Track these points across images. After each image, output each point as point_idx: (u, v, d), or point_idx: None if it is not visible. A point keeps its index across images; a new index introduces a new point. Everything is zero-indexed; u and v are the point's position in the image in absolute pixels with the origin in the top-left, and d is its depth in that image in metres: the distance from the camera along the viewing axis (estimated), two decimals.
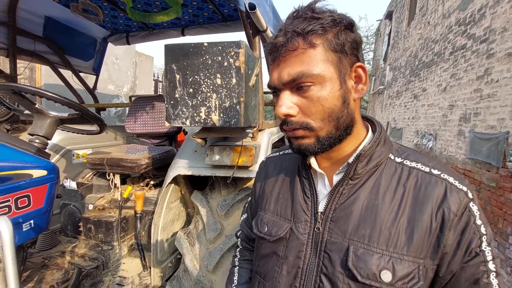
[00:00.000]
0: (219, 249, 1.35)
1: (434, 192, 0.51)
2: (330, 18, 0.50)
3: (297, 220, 0.62)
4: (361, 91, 0.55)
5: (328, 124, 0.53)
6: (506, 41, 3.42)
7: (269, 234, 0.65)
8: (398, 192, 0.54)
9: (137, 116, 2.41)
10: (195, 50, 1.09)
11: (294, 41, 0.50)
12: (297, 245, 0.60)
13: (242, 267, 0.82)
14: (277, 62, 0.53)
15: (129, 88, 4.68)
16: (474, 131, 4.12)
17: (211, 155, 1.37)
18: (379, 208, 0.53)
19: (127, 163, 1.84)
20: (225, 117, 1.09)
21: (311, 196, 0.61)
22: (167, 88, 1.13)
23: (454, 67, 4.92)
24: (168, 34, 2.79)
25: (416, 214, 0.51)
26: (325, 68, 0.51)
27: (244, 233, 0.85)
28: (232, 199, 1.48)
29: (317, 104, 0.52)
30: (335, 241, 0.55)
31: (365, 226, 0.53)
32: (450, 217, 0.49)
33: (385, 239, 0.51)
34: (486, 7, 3.93)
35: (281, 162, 0.75)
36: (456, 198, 0.50)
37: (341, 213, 0.56)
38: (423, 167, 0.55)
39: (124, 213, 1.85)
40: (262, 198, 0.73)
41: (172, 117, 1.15)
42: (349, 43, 0.52)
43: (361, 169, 0.56)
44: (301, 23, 0.50)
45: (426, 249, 0.50)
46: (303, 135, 0.54)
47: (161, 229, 1.55)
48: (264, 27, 1.41)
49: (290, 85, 0.53)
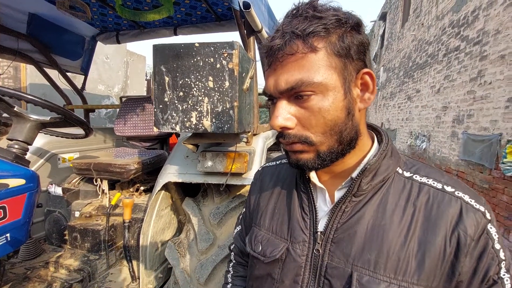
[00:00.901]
0: (212, 260, 1.28)
1: (448, 212, 0.46)
2: (335, 17, 0.44)
3: (294, 239, 0.55)
4: (368, 100, 0.49)
5: (330, 138, 0.47)
6: (499, 43, 3.44)
7: (263, 254, 0.58)
8: (407, 211, 0.48)
9: (127, 118, 2.32)
10: (186, 51, 1.02)
11: (293, 44, 0.44)
12: (294, 267, 0.54)
13: (235, 284, 0.75)
14: (273, 67, 0.47)
15: (120, 88, 4.55)
16: (467, 133, 4.14)
17: (203, 162, 1.31)
18: (386, 229, 0.48)
19: (115, 168, 1.76)
20: (217, 123, 1.03)
21: (309, 213, 0.55)
22: (156, 91, 1.06)
23: (448, 69, 4.95)
24: (160, 33, 2.70)
25: (428, 237, 0.45)
26: (327, 76, 0.44)
27: (237, 246, 0.78)
28: (225, 207, 1.42)
29: (318, 116, 0.46)
30: (337, 266, 0.50)
31: (371, 249, 0.47)
32: (467, 242, 0.44)
33: (393, 265, 0.46)
34: (479, 9, 3.95)
35: (278, 172, 0.69)
36: (473, 219, 0.45)
37: (343, 234, 0.50)
38: (435, 183, 0.49)
39: (112, 221, 1.77)
40: (256, 212, 0.67)
41: (161, 122, 1.08)
42: (356, 47, 0.46)
43: (366, 184, 0.50)
44: (301, 23, 0.44)
45: (439, 277, 0.45)
46: (301, 149, 0.48)
47: (150, 238, 1.48)
48: (259, 27, 1.35)
49: (287, 93, 0.46)
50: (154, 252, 1.54)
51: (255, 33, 1.42)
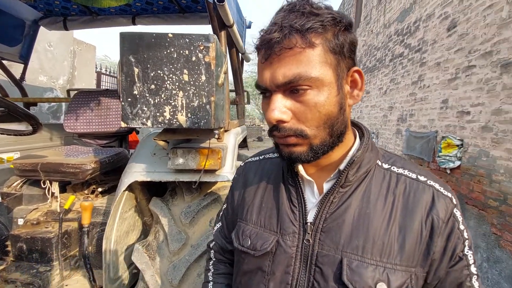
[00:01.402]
0: (185, 260, 1.24)
1: (422, 199, 0.51)
2: (330, 16, 0.46)
3: (284, 231, 0.56)
4: (357, 97, 0.52)
5: (322, 131, 0.49)
6: (435, 51, 3.92)
7: (253, 248, 0.58)
8: (388, 199, 0.52)
9: (79, 113, 2.10)
10: (158, 41, 0.96)
11: (292, 38, 0.44)
12: (285, 259, 0.55)
13: (217, 282, 0.74)
14: (269, 60, 0.47)
15: (66, 80, 4.06)
16: (409, 130, 4.64)
17: (174, 159, 1.25)
18: (371, 217, 0.51)
19: (68, 168, 1.58)
20: (193, 118, 0.99)
21: (298, 205, 0.57)
22: (123, 83, 0.98)
23: (393, 73, 5.48)
24: (116, 22, 2.50)
25: (407, 222, 0.50)
26: (323, 71, 0.46)
27: (218, 244, 0.77)
28: (197, 205, 1.37)
29: (314, 110, 0.47)
30: (327, 254, 0.52)
31: (358, 236, 0.51)
32: (439, 224, 0.50)
33: (379, 249, 0.49)
34: (420, 20, 4.45)
35: (262, 167, 0.69)
36: (443, 204, 0.51)
37: (332, 223, 0.53)
38: (410, 173, 0.55)
39: (65, 227, 1.59)
40: (242, 207, 0.67)
41: (129, 117, 1.00)
42: (348, 45, 0.48)
43: (352, 176, 0.53)
44: (298, 18, 0.45)
45: (417, 257, 0.50)
46: (295, 142, 0.49)
47: (114, 243, 1.37)
48: (230, 21, 1.33)
49: (284, 87, 0.47)
50: (118, 257, 1.43)
51: (226, 27, 1.40)
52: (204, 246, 1.26)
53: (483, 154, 2.85)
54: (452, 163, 3.36)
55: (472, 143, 3.05)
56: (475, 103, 3.01)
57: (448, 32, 3.61)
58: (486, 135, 2.81)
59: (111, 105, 2.12)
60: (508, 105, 2.54)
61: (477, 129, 2.96)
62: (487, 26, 2.87)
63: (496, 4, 2.76)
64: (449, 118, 3.53)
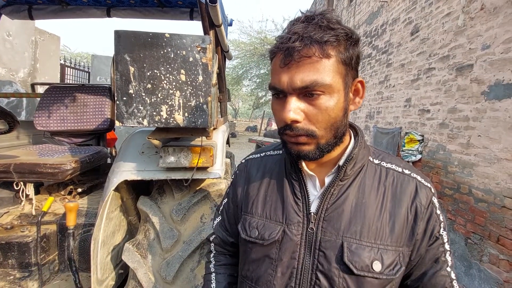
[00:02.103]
0: (178, 256, 1.26)
1: (407, 189, 0.60)
2: (343, 31, 0.53)
3: (290, 221, 0.63)
4: (358, 104, 0.60)
5: (329, 133, 0.56)
6: (400, 54, 4.23)
7: (261, 238, 0.64)
8: (380, 190, 0.61)
9: (52, 109, 1.97)
10: (154, 40, 0.96)
11: (311, 48, 0.51)
12: (291, 246, 0.62)
13: (219, 272, 0.79)
14: (288, 66, 0.53)
15: (27, 73, 3.72)
16: (377, 127, 4.98)
17: (166, 157, 1.25)
18: (366, 206, 0.59)
19: (45, 169, 1.50)
20: (190, 117, 1.01)
21: (302, 197, 0.64)
22: (118, 82, 0.97)
23: (362, 72, 5.80)
24: (89, 13, 2.35)
25: (395, 209, 0.59)
26: (335, 79, 0.53)
27: (219, 237, 0.81)
28: (187, 202, 1.39)
29: (324, 113, 0.53)
30: (329, 239, 0.59)
31: (356, 222, 0.58)
32: (421, 210, 0.59)
33: (373, 233, 0.57)
34: (386, 24, 4.75)
35: (264, 164, 0.75)
36: (424, 193, 0.60)
37: (333, 213, 0.60)
38: (396, 167, 0.64)
39: (43, 230, 1.52)
40: (246, 201, 0.72)
41: (125, 116, 0.99)
42: (355, 58, 0.55)
43: (350, 170, 0.61)
44: (317, 31, 0.51)
45: (404, 238, 0.58)
46: (305, 141, 0.56)
47: (101, 244, 1.34)
48: (220, 21, 1.36)
49: (300, 91, 0.53)
50: (105, 258, 1.40)
51: (214, 27, 1.42)
52: (196, 241, 1.29)
53: (441, 148, 3.18)
54: (414, 157, 3.69)
55: (431, 138, 3.38)
56: (434, 102, 3.33)
57: (412, 36, 3.92)
58: (443, 131, 3.13)
59: (88, 101, 2.02)
60: (462, 104, 2.86)
61: (436, 125, 3.28)
62: (445, 33, 3.18)
63: (453, 12, 3.07)
64: (411, 116, 3.86)
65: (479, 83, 2.63)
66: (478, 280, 2.52)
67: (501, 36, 2.41)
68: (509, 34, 2.33)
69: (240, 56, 16.59)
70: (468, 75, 2.78)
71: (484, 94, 2.56)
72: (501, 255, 2.34)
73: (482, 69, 2.60)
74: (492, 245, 2.44)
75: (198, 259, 1.31)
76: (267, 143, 6.98)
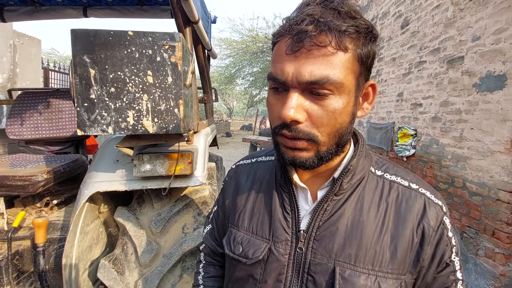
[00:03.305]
0: (157, 272, 1.17)
1: (414, 207, 0.51)
2: (364, 23, 0.44)
3: (277, 239, 0.55)
4: (366, 110, 0.51)
5: (332, 140, 0.47)
6: (391, 48, 4.18)
7: (245, 256, 0.56)
8: (381, 207, 0.52)
9: (25, 116, 1.86)
10: (116, 39, 0.87)
11: (328, 36, 0.41)
12: (277, 267, 0.54)
13: (207, 285, 0.71)
14: (296, 53, 0.43)
15: (6, 78, 3.56)
16: (370, 122, 4.93)
17: (140, 165, 1.16)
18: (364, 225, 0.51)
19: (15, 181, 1.40)
20: (160, 122, 0.92)
21: (291, 212, 0.55)
22: (78, 86, 0.87)
23: None
24: (64, 14, 2.25)
25: (399, 231, 0.50)
26: (349, 78, 0.44)
27: (208, 246, 0.73)
28: (167, 212, 1.31)
29: (331, 117, 0.44)
30: (320, 262, 0.51)
31: (351, 245, 0.50)
32: (429, 232, 0.50)
33: (371, 258, 0.49)
34: (377, 18, 4.70)
35: (254, 171, 0.66)
36: (434, 212, 0.51)
37: (325, 232, 0.52)
38: (402, 181, 0.55)
39: (15, 247, 1.42)
40: (233, 212, 0.64)
41: (86, 124, 0.90)
42: (372, 57, 0.47)
43: (347, 184, 0.52)
44: (335, 17, 0.42)
45: (407, 264, 0.50)
46: (305, 147, 0.47)
47: (75, 260, 1.25)
48: (196, 18, 1.27)
49: (306, 86, 0.43)
50: (81, 275, 1.31)
51: (191, 24, 1.32)
52: (177, 255, 1.21)
53: (434, 142, 3.13)
54: (408, 151, 3.64)
55: (424, 132, 3.33)
56: (426, 96, 3.28)
57: (402, 29, 3.87)
58: (436, 125, 3.09)
59: (64, 107, 1.91)
60: (453, 97, 2.81)
61: (428, 119, 3.23)
62: (435, 25, 3.13)
63: (443, 4, 3.01)
64: (404, 110, 3.81)
65: (470, 75, 2.59)
66: (474, 274, 2.49)
67: (491, 27, 2.36)
68: (499, 24, 2.28)
69: (232, 55, 16.43)
70: (459, 68, 2.73)
71: (476, 86, 2.51)
72: (497, 249, 2.30)
73: (473, 61, 2.55)
74: (488, 239, 2.40)
75: (180, 273, 1.22)
76: (262, 142, 6.87)
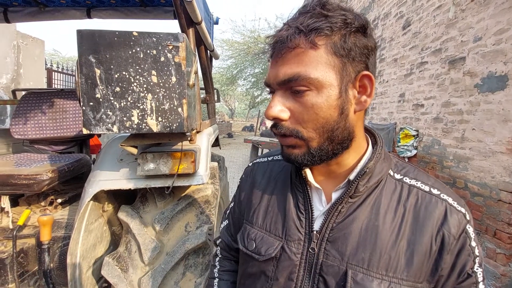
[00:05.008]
0: (161, 269, 1.19)
1: (434, 214, 0.50)
2: (341, 17, 0.45)
3: (290, 238, 0.55)
4: (364, 103, 0.50)
5: (321, 135, 0.48)
6: (393, 48, 4.18)
7: (257, 252, 0.57)
8: (398, 212, 0.51)
9: (29, 116, 1.88)
10: (121, 40, 0.88)
11: (295, 38, 0.45)
12: (289, 265, 0.54)
13: (222, 279, 0.73)
14: (275, 59, 0.49)
15: (10, 79, 3.60)
16: (372, 123, 4.93)
17: (144, 164, 1.18)
18: (379, 230, 0.50)
19: (20, 180, 1.42)
20: (164, 121, 0.93)
21: (305, 212, 0.55)
22: (84, 86, 0.89)
23: None
24: (68, 15, 2.27)
25: (416, 237, 0.49)
26: (324, 73, 0.45)
27: (224, 241, 0.75)
28: (171, 211, 1.32)
29: (311, 112, 0.46)
30: (332, 264, 0.51)
31: (365, 249, 0.49)
32: (450, 241, 0.48)
33: (385, 263, 0.48)
34: (378, 19, 4.70)
35: (270, 169, 0.67)
36: (456, 220, 0.49)
37: (338, 234, 0.51)
38: (423, 185, 0.53)
39: (20, 245, 1.43)
40: (248, 208, 0.65)
41: (92, 123, 0.91)
42: (358, 49, 0.46)
43: (363, 186, 0.51)
44: (306, 20, 0.45)
45: (424, 273, 0.49)
46: (294, 144, 0.49)
47: (80, 258, 1.26)
48: (199, 18, 1.28)
49: (285, 86, 0.47)
50: (85, 272, 1.32)
51: (194, 24, 1.34)
52: (180, 253, 1.22)
53: (435, 142, 3.13)
54: (409, 152, 3.64)
55: (426, 133, 3.33)
56: (428, 97, 3.29)
57: (403, 30, 3.88)
58: (438, 126, 3.09)
59: (68, 107, 1.93)
60: (455, 98, 2.81)
61: (430, 120, 3.23)
62: (437, 26, 3.13)
63: (444, 5, 3.02)
64: (406, 111, 3.81)
65: (471, 76, 2.59)
66: None
67: (492, 28, 2.36)
68: (500, 25, 2.28)
69: (234, 56, 16.45)
70: (461, 68, 2.73)
71: (477, 86, 2.52)
72: (498, 249, 2.30)
73: (474, 62, 2.56)
74: (489, 239, 2.40)
75: (183, 271, 1.24)
76: (263, 143, 6.86)
